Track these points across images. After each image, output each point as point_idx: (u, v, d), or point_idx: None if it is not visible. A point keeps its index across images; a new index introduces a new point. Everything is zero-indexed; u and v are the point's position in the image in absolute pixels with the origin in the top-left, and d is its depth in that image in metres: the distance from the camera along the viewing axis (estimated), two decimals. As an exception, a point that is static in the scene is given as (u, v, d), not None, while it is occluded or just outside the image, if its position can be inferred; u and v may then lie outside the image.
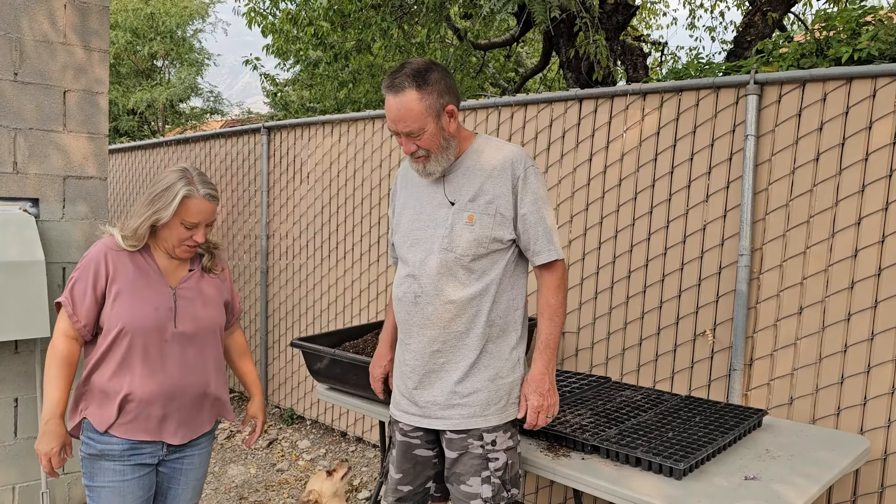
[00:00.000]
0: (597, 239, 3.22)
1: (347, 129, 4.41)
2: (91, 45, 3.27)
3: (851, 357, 2.55)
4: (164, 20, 13.52)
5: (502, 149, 2.03)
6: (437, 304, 1.99)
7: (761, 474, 2.03)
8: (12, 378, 3.13)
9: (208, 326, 2.10)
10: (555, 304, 2.03)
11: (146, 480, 2.04)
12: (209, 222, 2.03)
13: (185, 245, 2.03)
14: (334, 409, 4.61)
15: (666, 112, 3.01)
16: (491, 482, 1.98)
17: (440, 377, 2.01)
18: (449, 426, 2.00)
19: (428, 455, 2.11)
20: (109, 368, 1.97)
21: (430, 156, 1.97)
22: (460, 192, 2.00)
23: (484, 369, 2.00)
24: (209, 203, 2.00)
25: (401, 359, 2.11)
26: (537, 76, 8.74)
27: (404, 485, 2.13)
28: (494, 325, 2.00)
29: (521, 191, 1.98)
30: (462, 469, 2.00)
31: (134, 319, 1.96)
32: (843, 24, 3.27)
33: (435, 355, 2.01)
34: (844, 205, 2.56)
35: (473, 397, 1.99)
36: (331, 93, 8.69)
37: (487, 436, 1.99)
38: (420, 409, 2.05)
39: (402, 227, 2.11)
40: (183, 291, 2.07)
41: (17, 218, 3.01)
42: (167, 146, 6.26)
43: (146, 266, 2.03)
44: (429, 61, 1.96)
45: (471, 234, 1.96)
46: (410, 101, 1.89)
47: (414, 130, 1.92)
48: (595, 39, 4.62)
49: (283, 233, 4.93)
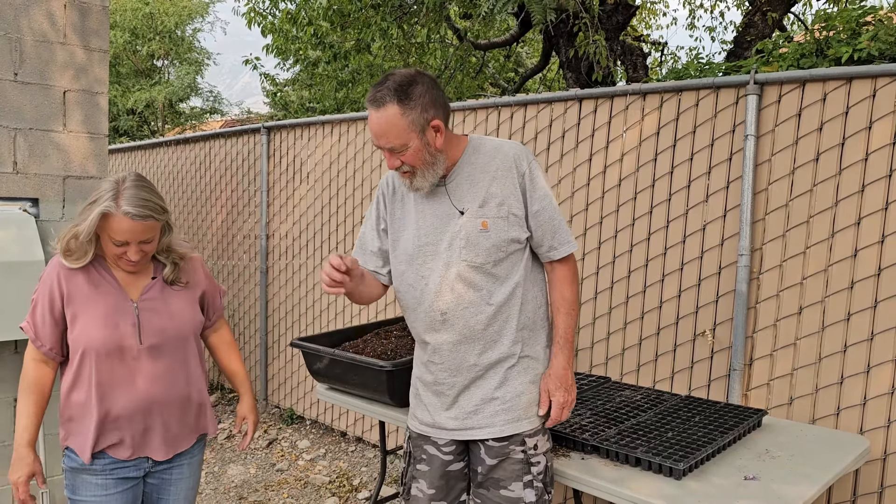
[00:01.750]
0: (597, 239, 3.22)
1: (347, 129, 4.41)
2: (91, 44, 3.27)
3: (851, 357, 2.55)
4: (162, 20, 13.51)
5: (500, 147, 1.97)
6: (467, 317, 1.92)
7: (761, 474, 2.03)
8: (12, 378, 3.12)
9: (178, 335, 1.99)
10: (570, 297, 2.00)
11: (130, 494, 1.98)
12: (144, 240, 1.87)
13: (122, 260, 1.90)
14: (334, 409, 4.61)
15: (666, 112, 3.01)
16: (534, 486, 1.95)
17: (479, 387, 1.96)
18: (493, 434, 1.95)
19: (460, 467, 2.06)
20: (82, 390, 1.91)
21: (415, 171, 1.89)
22: (468, 199, 1.93)
23: (523, 372, 1.97)
24: (134, 222, 1.81)
25: (430, 379, 2.02)
26: (537, 76, 8.74)
27: (439, 500, 2.06)
28: (525, 327, 1.97)
29: (529, 188, 1.93)
30: (502, 474, 1.96)
31: (93, 341, 1.87)
32: (843, 24, 3.27)
33: (472, 369, 1.95)
34: (844, 205, 2.56)
35: (516, 401, 1.95)
36: (330, 93, 8.69)
37: (529, 440, 1.96)
38: (461, 422, 1.98)
39: (407, 244, 2.00)
40: (146, 303, 1.95)
41: (16, 218, 3.01)
42: (167, 146, 6.26)
43: (101, 281, 1.92)
44: (415, 72, 1.87)
45: (488, 241, 1.90)
46: (392, 115, 1.81)
47: (396, 146, 1.84)
48: (595, 40, 4.62)
49: (282, 233, 4.93)
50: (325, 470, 4.13)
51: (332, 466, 4.18)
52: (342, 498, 3.75)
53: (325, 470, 4.13)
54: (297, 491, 3.86)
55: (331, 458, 4.31)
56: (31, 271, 2.90)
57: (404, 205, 2.04)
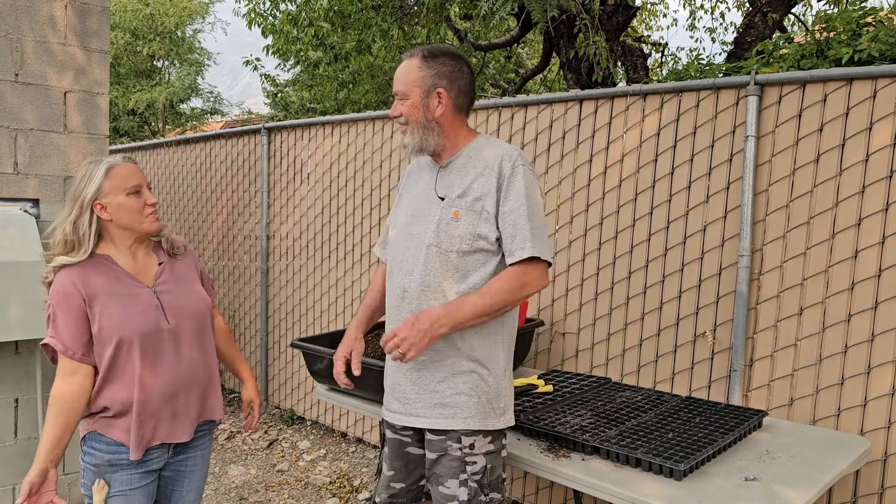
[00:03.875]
0: (597, 240, 3.22)
1: (348, 129, 4.41)
2: (91, 45, 3.27)
3: (852, 358, 2.55)
4: (163, 20, 13.52)
5: (497, 147, 2.00)
6: (422, 301, 1.96)
7: (761, 475, 2.03)
8: (13, 378, 3.12)
9: (197, 312, 2.06)
10: (498, 287, 1.89)
11: (151, 488, 2.01)
12: (148, 184, 2.00)
13: (146, 212, 1.97)
14: (334, 409, 4.61)
15: (666, 113, 3.01)
16: (468, 485, 1.96)
17: (423, 376, 1.99)
18: (428, 425, 1.99)
19: (420, 453, 2.10)
20: (119, 382, 1.92)
21: (408, 127, 2.01)
22: (451, 188, 2.00)
23: (468, 373, 1.97)
24: (133, 164, 1.97)
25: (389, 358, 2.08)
26: (537, 77, 8.75)
27: (397, 482, 2.13)
28: (482, 330, 1.96)
29: (505, 188, 1.94)
30: (441, 470, 1.99)
31: (127, 328, 1.90)
32: (844, 25, 3.28)
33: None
34: (845, 206, 2.56)
35: (455, 399, 1.96)
36: (331, 93, 8.69)
37: (466, 439, 1.97)
38: (403, 405, 2.04)
39: (398, 222, 2.11)
40: (162, 286, 2.02)
41: (17, 218, 3.01)
42: (167, 147, 6.26)
43: (116, 274, 1.95)
44: (456, 52, 2.04)
45: (455, 230, 1.94)
46: (411, 65, 1.99)
47: (400, 92, 1.99)
48: (595, 41, 4.62)
49: (283, 233, 4.93)
50: (326, 471, 4.13)
51: (332, 467, 4.18)
52: (343, 499, 3.75)
53: (326, 471, 4.13)
54: (298, 492, 3.86)
55: (331, 459, 4.31)
56: (31, 271, 2.90)
57: (407, 189, 2.16)
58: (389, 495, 2.14)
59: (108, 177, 1.91)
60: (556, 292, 3.37)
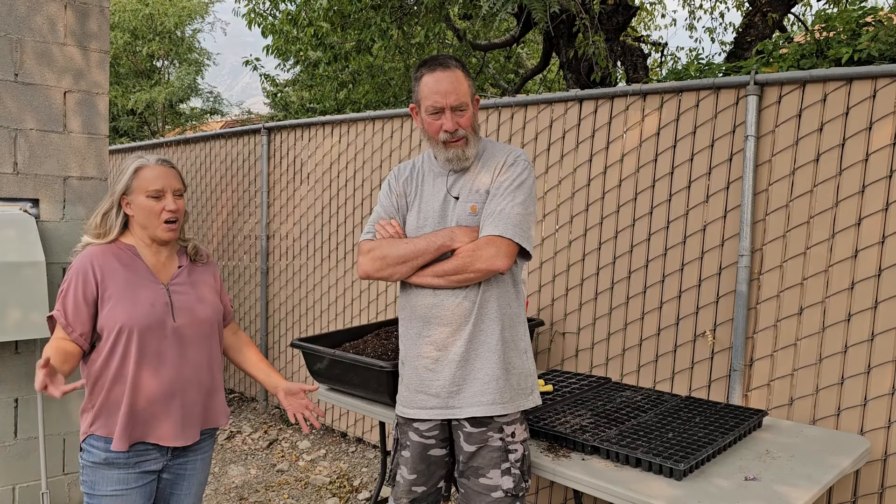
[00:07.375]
0: (597, 239, 3.22)
1: (347, 129, 4.41)
2: (91, 46, 3.27)
3: (852, 357, 2.55)
4: (162, 20, 13.51)
5: (503, 148, 2.10)
6: (451, 295, 2.00)
7: (762, 475, 2.03)
8: (12, 378, 3.12)
9: (206, 319, 2.07)
10: (457, 268, 1.95)
11: (148, 489, 2.01)
12: (176, 190, 2.00)
13: (162, 219, 1.99)
14: (334, 409, 4.61)
15: (666, 113, 3.01)
16: (511, 473, 2.01)
17: (461, 367, 2.00)
18: (469, 414, 2.00)
19: (441, 454, 2.12)
20: (110, 375, 1.94)
21: (467, 139, 2.01)
22: (464, 188, 2.05)
23: (502, 359, 2.01)
24: (164, 167, 2.00)
25: (416, 353, 2.07)
26: (537, 77, 8.75)
27: (419, 485, 2.13)
28: (506, 315, 2.03)
29: (498, 175, 2.01)
30: (480, 462, 2.02)
31: (132, 317, 1.93)
32: (843, 25, 3.28)
33: (454, 345, 2.01)
34: (844, 205, 2.56)
35: (494, 385, 1.99)
36: (331, 93, 8.69)
37: (507, 428, 2.02)
38: (441, 400, 2.03)
39: (410, 225, 2.12)
40: (176, 287, 2.05)
41: (17, 218, 3.01)
42: (167, 146, 6.26)
43: (134, 265, 2.00)
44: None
45: (475, 224, 2.00)
46: (461, 76, 1.98)
47: (462, 104, 1.97)
48: (594, 41, 4.62)
49: (283, 233, 4.93)
50: (326, 470, 4.13)
51: (332, 467, 4.18)
52: (342, 498, 3.75)
53: (326, 470, 4.13)
54: (298, 491, 3.85)
55: (331, 459, 4.31)
56: (31, 272, 2.90)
57: (412, 193, 2.17)
58: (411, 500, 2.14)
59: (135, 176, 1.99)
60: (556, 292, 3.37)
